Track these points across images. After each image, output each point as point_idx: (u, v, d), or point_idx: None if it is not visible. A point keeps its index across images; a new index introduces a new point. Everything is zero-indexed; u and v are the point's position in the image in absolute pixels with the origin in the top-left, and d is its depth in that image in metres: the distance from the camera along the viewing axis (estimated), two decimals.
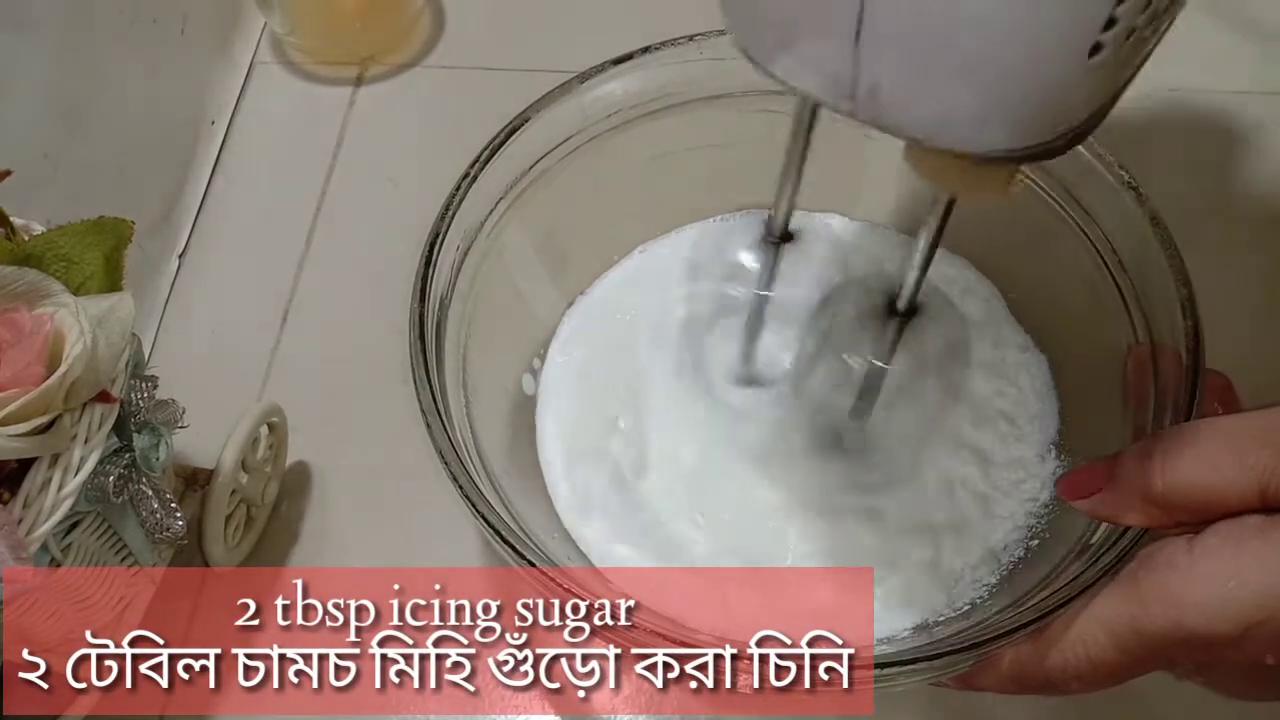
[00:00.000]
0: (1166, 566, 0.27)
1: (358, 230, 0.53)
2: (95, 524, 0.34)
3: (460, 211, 0.38)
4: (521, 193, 0.41)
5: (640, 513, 0.40)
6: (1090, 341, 0.40)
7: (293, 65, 0.60)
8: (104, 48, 0.48)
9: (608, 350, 0.44)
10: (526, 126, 0.40)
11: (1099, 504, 0.30)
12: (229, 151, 0.57)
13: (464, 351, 0.39)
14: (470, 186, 0.38)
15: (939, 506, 0.40)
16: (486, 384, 0.40)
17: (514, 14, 0.62)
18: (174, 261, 0.53)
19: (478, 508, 0.32)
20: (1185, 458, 0.27)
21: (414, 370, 0.34)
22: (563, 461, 0.41)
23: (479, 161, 0.38)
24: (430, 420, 0.33)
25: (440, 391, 0.35)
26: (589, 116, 0.42)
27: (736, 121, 0.43)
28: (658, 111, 0.42)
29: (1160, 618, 0.27)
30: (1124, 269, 0.38)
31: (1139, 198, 0.37)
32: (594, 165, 0.43)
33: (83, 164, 0.46)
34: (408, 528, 0.45)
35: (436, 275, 0.37)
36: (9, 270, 0.31)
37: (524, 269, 0.43)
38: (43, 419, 0.30)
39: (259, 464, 0.43)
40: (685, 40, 0.41)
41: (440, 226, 0.37)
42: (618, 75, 0.41)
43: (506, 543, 0.31)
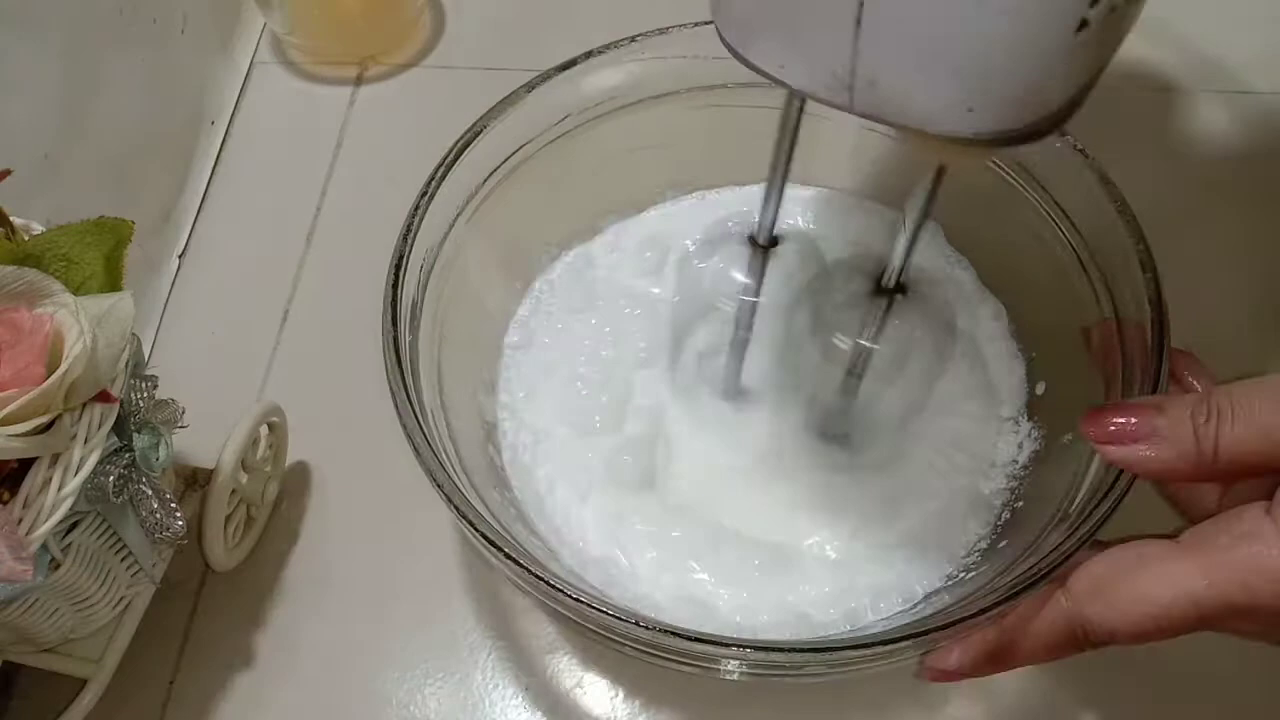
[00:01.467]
0: (1254, 538, 0.27)
1: (358, 230, 0.53)
2: (95, 524, 0.34)
3: (420, 231, 0.38)
4: (478, 208, 0.42)
5: (635, 524, 0.40)
6: (1056, 308, 0.40)
7: (293, 65, 0.60)
8: (104, 48, 0.48)
9: (580, 359, 0.44)
10: (478, 140, 0.40)
11: (1142, 458, 0.29)
12: (229, 151, 0.57)
13: (438, 369, 0.39)
14: (429, 205, 0.38)
15: (929, 479, 0.41)
16: (461, 399, 0.41)
17: (514, 14, 0.62)
18: (174, 261, 0.53)
19: (487, 536, 0.32)
20: (1240, 421, 0.27)
21: (394, 396, 0.35)
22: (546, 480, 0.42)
23: (435, 179, 0.39)
24: (416, 443, 0.34)
25: (421, 412, 0.35)
26: (538, 123, 0.42)
27: (685, 118, 0.44)
28: (603, 116, 0.43)
29: (1258, 589, 0.27)
30: (1078, 230, 0.39)
31: (1086, 159, 0.38)
32: (547, 170, 0.43)
33: (83, 164, 0.46)
34: (407, 527, 0.45)
35: (404, 295, 0.37)
36: (9, 270, 0.31)
37: (486, 281, 0.44)
38: (43, 419, 0.30)
39: (259, 464, 0.43)
40: (627, 41, 0.42)
41: (403, 248, 0.38)
42: (565, 80, 0.41)
43: (522, 567, 0.32)
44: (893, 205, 0.46)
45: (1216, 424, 0.28)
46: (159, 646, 0.42)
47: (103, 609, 0.37)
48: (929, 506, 0.40)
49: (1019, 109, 0.24)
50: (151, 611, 0.40)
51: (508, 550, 0.32)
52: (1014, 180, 0.41)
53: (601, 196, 0.47)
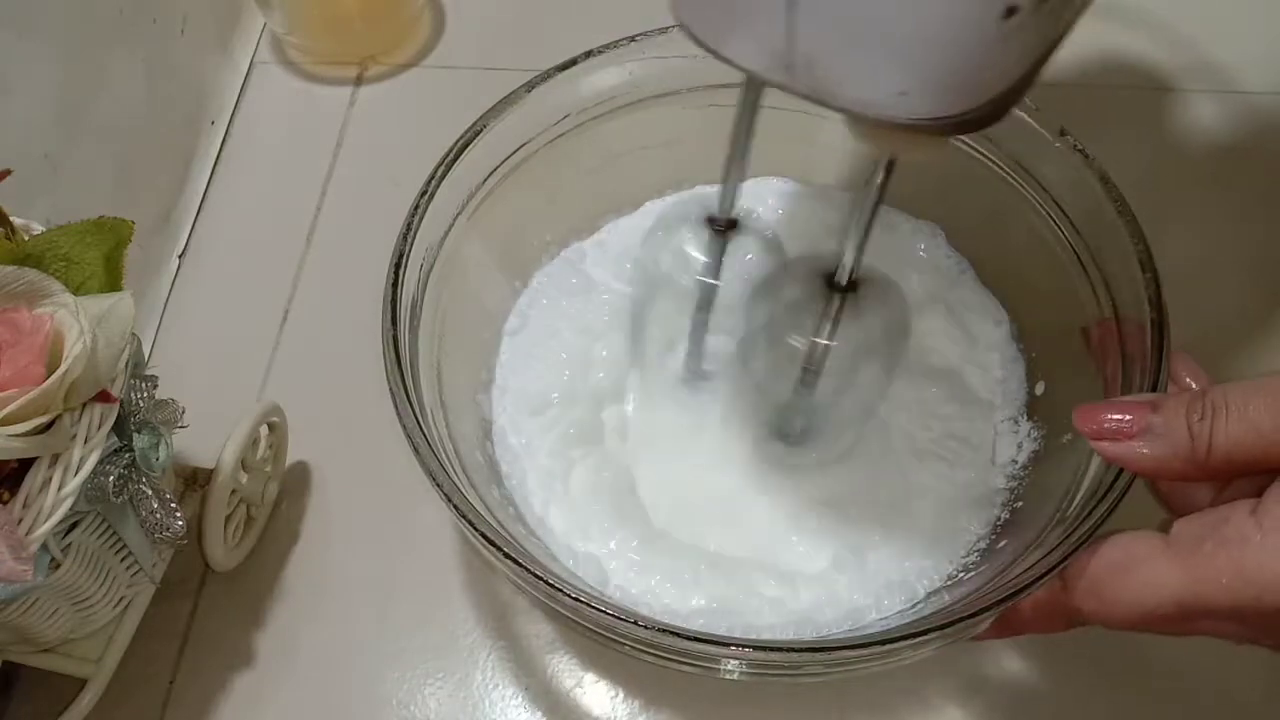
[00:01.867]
0: (1239, 541, 0.27)
1: (358, 230, 0.53)
2: (95, 524, 0.34)
3: (420, 230, 0.38)
4: (477, 208, 0.42)
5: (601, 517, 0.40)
6: (1056, 308, 0.40)
7: (293, 65, 0.60)
8: (104, 48, 0.47)
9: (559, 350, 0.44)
10: (478, 139, 0.40)
11: (1137, 455, 0.29)
12: (229, 151, 0.57)
13: (438, 368, 0.39)
14: (429, 204, 0.39)
15: (929, 479, 0.41)
16: (460, 398, 0.41)
17: (514, 14, 0.62)
18: (174, 261, 0.53)
19: (486, 536, 0.32)
20: (1234, 419, 0.28)
21: (394, 396, 0.35)
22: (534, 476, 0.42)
23: (435, 179, 0.39)
24: (416, 443, 0.34)
25: (421, 412, 0.35)
26: (538, 123, 0.42)
27: (685, 118, 0.44)
28: (602, 116, 0.43)
29: (1239, 592, 0.27)
30: (1078, 231, 0.39)
31: (1086, 160, 0.38)
32: (546, 171, 0.43)
33: (83, 164, 0.46)
34: (407, 527, 0.45)
35: (404, 294, 0.37)
36: (9, 270, 0.31)
37: (485, 280, 0.44)
38: (43, 419, 0.30)
39: (259, 464, 0.43)
40: (627, 41, 0.42)
41: (403, 247, 0.38)
42: (565, 80, 0.41)
43: (521, 564, 0.32)
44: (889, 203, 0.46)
45: (1211, 421, 0.28)
46: (159, 646, 0.42)
47: (103, 609, 0.37)
48: (929, 506, 0.40)
49: (953, 95, 0.24)
50: (151, 611, 0.40)
51: (506, 550, 0.32)
52: (1014, 180, 0.41)
53: (601, 196, 0.47)
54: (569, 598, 0.31)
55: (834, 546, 0.39)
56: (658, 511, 0.41)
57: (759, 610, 0.38)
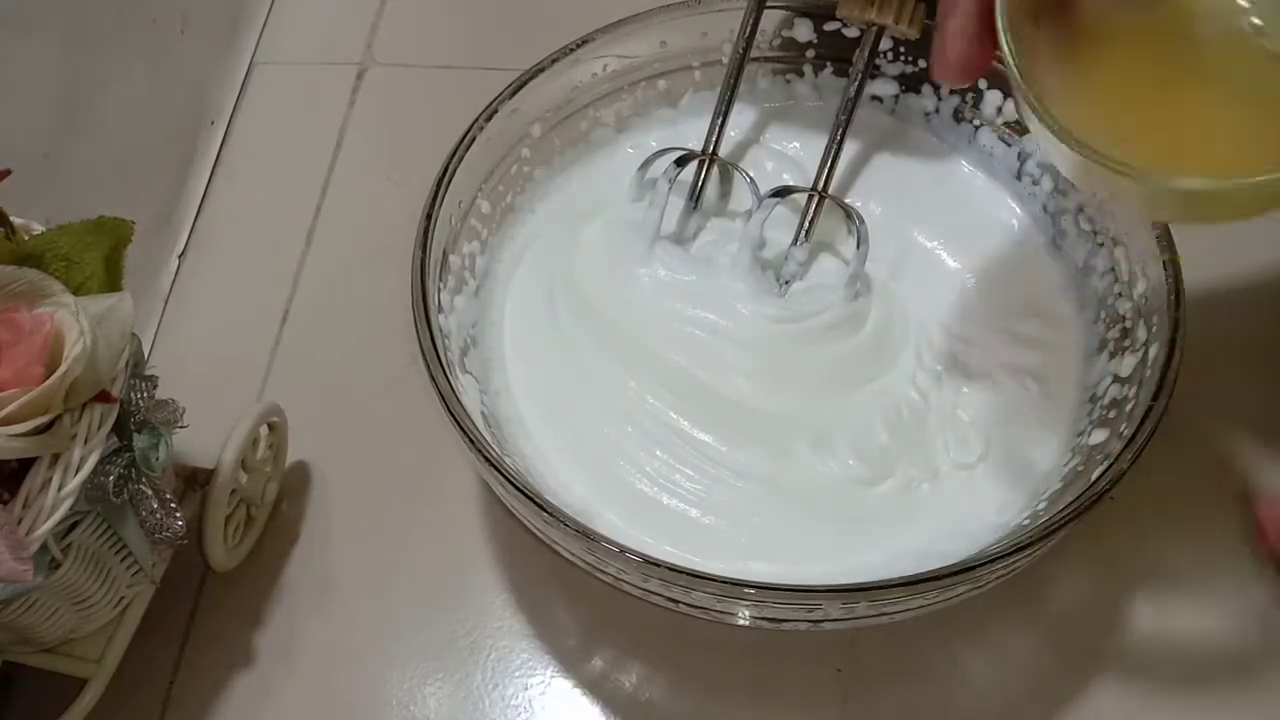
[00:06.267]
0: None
1: (358, 230, 0.53)
2: (95, 524, 0.34)
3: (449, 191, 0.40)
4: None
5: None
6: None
7: (293, 65, 0.60)
8: (104, 48, 0.48)
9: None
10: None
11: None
12: (229, 151, 0.57)
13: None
14: (459, 164, 0.41)
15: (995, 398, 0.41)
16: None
17: (515, 14, 0.62)
18: (174, 261, 0.53)
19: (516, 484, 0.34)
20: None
21: (415, 314, 0.36)
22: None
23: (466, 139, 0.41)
24: (430, 363, 0.35)
25: (449, 368, 0.36)
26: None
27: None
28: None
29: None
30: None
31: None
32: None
33: (83, 164, 0.46)
34: (407, 527, 0.45)
35: (433, 247, 0.39)
36: (9, 270, 0.31)
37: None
38: (43, 419, 0.30)
39: (259, 464, 0.43)
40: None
41: (432, 207, 0.39)
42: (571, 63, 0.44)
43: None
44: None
45: None
46: (159, 646, 0.42)
47: (103, 609, 0.37)
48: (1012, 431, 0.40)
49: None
50: (151, 611, 0.40)
51: (539, 501, 0.33)
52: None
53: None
54: (601, 544, 0.32)
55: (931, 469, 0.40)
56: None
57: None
